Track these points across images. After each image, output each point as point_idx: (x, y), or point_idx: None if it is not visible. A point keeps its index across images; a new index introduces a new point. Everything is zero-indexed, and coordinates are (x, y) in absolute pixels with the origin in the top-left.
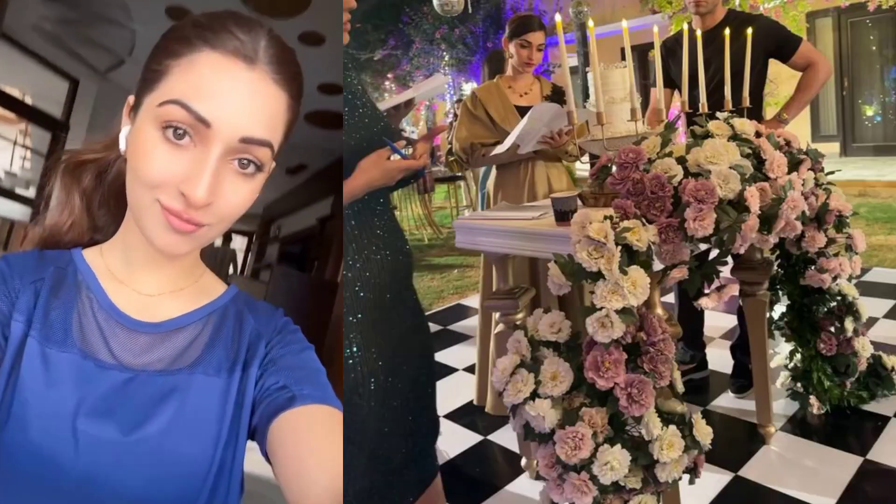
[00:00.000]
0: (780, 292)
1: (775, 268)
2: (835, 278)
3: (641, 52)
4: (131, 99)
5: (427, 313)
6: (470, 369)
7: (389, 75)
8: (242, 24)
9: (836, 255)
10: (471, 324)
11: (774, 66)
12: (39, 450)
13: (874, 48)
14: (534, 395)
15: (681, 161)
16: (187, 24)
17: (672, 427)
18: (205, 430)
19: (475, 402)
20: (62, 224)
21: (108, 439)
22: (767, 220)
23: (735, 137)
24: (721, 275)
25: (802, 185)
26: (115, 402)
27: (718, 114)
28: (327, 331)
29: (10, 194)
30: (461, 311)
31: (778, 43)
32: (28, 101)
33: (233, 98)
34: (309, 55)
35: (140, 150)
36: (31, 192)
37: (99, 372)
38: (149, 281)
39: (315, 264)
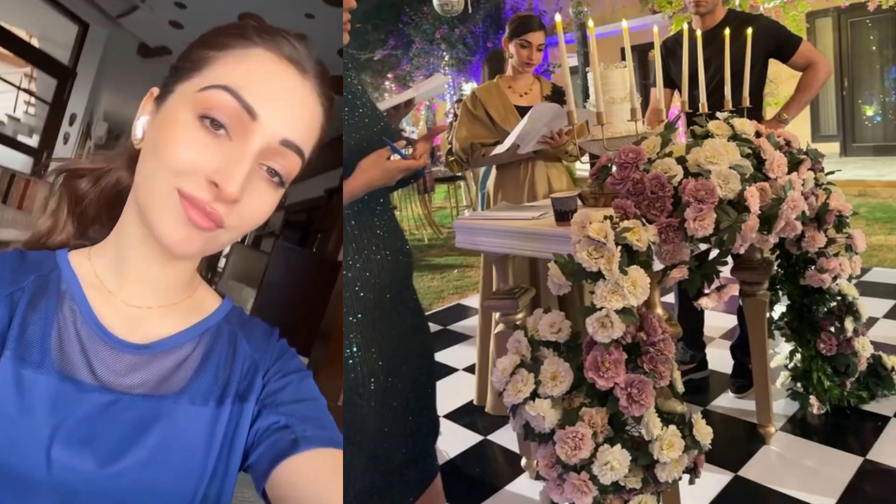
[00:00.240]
0: (780, 292)
1: (775, 268)
2: (835, 278)
3: (641, 52)
4: (155, 90)
5: (427, 313)
6: (470, 369)
7: (389, 75)
8: (295, 35)
9: (836, 255)
10: (471, 324)
11: (774, 66)
12: (10, 478)
13: (874, 48)
14: (534, 395)
15: (681, 161)
16: (243, 23)
17: (672, 427)
18: (188, 465)
19: (475, 402)
20: (42, 228)
21: (84, 471)
22: (767, 220)
23: (735, 137)
24: (721, 275)
25: (802, 185)
26: (94, 428)
27: (718, 114)
28: (327, 307)
29: (12, 142)
30: (461, 311)
31: (778, 43)
32: (35, 43)
33: (282, 98)
34: (332, 15)
35: (169, 133)
36: (34, 141)
37: (78, 395)
38: (140, 291)
39: (318, 237)
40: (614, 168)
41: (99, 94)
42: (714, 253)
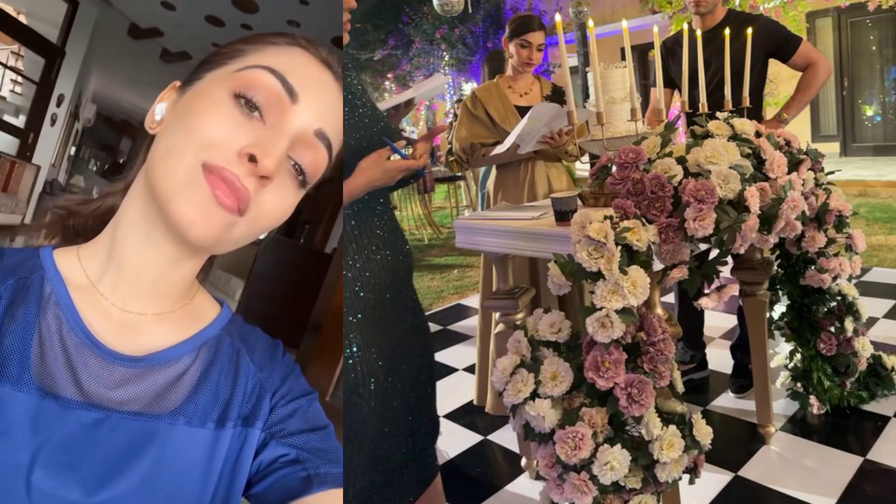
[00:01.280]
0: (780, 292)
1: (775, 268)
2: (835, 278)
3: (641, 52)
4: (177, 83)
5: (427, 313)
6: (470, 369)
7: (389, 75)
8: (329, 45)
9: (836, 255)
10: (471, 324)
11: (774, 66)
12: None
13: (874, 48)
14: (534, 395)
15: (681, 161)
16: (283, 32)
17: (672, 427)
18: (185, 492)
19: (475, 402)
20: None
21: (69, 499)
22: (767, 220)
23: (735, 137)
24: (721, 275)
25: (802, 185)
26: (80, 451)
27: (718, 114)
28: (316, 298)
29: None
30: (461, 311)
31: (778, 43)
32: (22, 20)
33: (321, 91)
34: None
35: (200, 104)
36: (20, 122)
37: (61, 413)
38: (136, 294)
39: (305, 228)
40: (614, 168)
41: (88, 75)
42: (714, 253)
